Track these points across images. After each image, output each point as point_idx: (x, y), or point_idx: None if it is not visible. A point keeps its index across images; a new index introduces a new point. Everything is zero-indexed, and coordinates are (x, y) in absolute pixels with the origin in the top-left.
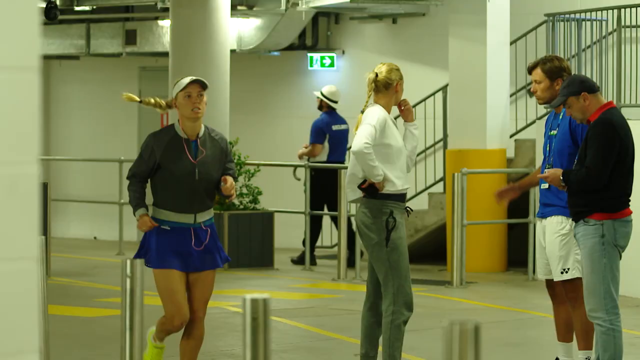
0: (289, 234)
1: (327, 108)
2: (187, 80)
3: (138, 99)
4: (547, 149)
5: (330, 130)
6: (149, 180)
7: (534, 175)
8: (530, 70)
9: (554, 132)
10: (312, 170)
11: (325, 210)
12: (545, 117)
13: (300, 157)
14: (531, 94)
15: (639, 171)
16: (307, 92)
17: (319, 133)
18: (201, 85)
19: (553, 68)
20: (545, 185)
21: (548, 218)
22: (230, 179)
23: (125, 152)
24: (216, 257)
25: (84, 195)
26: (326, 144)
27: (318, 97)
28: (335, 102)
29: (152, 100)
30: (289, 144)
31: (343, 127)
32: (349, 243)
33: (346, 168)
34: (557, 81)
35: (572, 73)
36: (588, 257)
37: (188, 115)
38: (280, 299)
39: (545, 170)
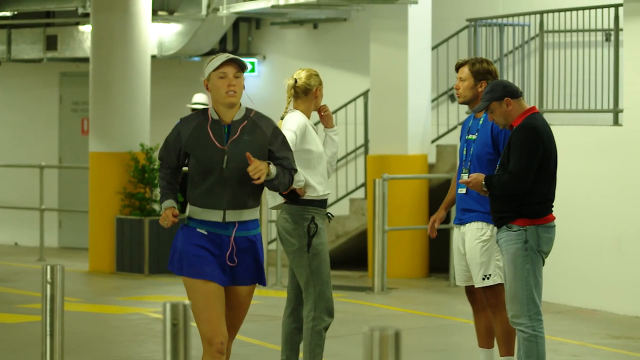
0: None
1: (192, 110)
2: (222, 58)
3: None
4: (465, 152)
5: None
6: (179, 171)
7: (453, 188)
8: (457, 67)
9: (472, 136)
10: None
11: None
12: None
13: None
14: (453, 99)
15: (561, 177)
16: None
17: None
18: (239, 65)
19: (481, 69)
20: (462, 190)
21: (467, 224)
22: (256, 161)
23: (46, 158)
24: (251, 273)
25: (5, 200)
26: None
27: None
28: (198, 104)
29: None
30: None
31: None
32: None
33: None
34: (481, 83)
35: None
36: (511, 263)
37: (222, 99)
38: None
39: (463, 174)
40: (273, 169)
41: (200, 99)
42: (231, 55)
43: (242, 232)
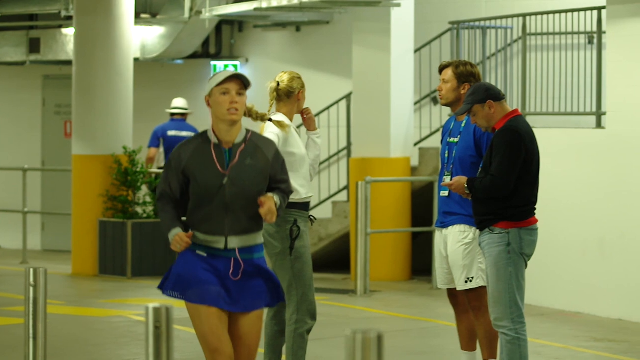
0: None
1: (171, 115)
2: (226, 74)
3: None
4: (446, 155)
5: (165, 135)
6: (181, 204)
7: None
8: (441, 69)
9: (454, 139)
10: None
11: None
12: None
13: (148, 163)
14: (435, 101)
15: (544, 180)
16: None
17: (153, 137)
18: (243, 82)
19: (464, 72)
20: (445, 193)
21: (450, 227)
22: (268, 203)
23: (29, 161)
24: (261, 294)
25: None
26: (162, 148)
27: (169, 112)
28: (177, 109)
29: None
30: None
31: (183, 133)
32: None
33: None
34: (464, 85)
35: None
36: (494, 266)
37: (223, 116)
38: (183, 308)
39: (446, 177)
40: (277, 200)
41: (179, 103)
42: (236, 72)
43: (246, 255)
